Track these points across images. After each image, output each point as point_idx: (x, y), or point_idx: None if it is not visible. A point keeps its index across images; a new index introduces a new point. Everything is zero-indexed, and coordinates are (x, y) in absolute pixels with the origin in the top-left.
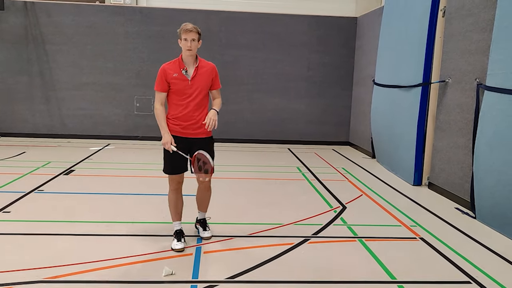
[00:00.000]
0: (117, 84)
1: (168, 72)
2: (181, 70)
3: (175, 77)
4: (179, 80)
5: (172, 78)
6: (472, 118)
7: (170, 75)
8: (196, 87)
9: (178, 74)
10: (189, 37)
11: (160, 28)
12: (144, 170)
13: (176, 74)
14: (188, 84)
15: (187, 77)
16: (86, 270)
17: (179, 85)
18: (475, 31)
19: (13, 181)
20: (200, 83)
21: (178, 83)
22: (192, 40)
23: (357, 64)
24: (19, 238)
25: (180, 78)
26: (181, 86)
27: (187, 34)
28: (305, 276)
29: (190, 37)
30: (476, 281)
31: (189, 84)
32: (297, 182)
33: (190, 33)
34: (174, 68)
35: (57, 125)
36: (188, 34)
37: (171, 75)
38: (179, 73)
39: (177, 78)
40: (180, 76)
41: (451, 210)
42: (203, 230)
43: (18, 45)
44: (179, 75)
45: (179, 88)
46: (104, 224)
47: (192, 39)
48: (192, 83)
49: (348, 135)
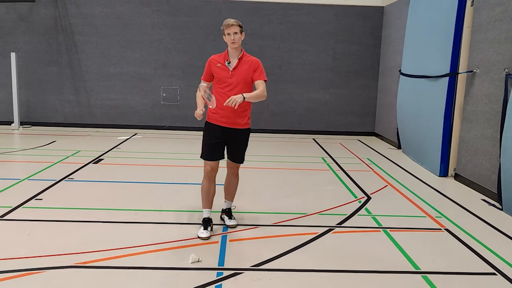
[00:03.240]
0: (144, 74)
1: (213, 62)
2: (225, 61)
3: (218, 67)
4: (221, 69)
5: (216, 67)
6: (500, 109)
7: (214, 65)
8: (236, 78)
9: (222, 65)
10: (231, 31)
11: (186, 19)
12: (171, 159)
13: (219, 64)
14: (228, 74)
15: (229, 67)
16: (114, 256)
17: (220, 74)
18: (504, 21)
19: (44, 169)
20: (241, 75)
21: (220, 72)
22: (234, 33)
23: (383, 54)
24: (50, 225)
25: (222, 68)
26: (222, 75)
27: (229, 28)
28: (329, 265)
29: (233, 31)
30: (502, 272)
31: (229, 74)
32: (322, 172)
33: (232, 27)
34: (220, 59)
35: (85, 114)
36: (230, 29)
37: (215, 65)
38: (222, 64)
39: (220, 68)
40: (223, 66)
41: (477, 201)
42: (228, 218)
43: (48, 36)
44: (222, 65)
45: (220, 77)
46: (133, 212)
47: (235, 32)
48: (232, 73)
49: (374, 126)
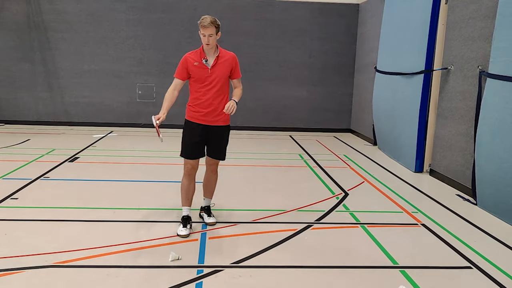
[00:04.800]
0: (119, 71)
1: (189, 61)
2: (201, 59)
3: (196, 65)
4: (199, 68)
5: (193, 66)
6: (474, 105)
7: (191, 63)
8: (215, 76)
9: (199, 63)
10: (206, 32)
11: (162, 16)
12: (147, 157)
13: (196, 63)
14: (207, 73)
15: (207, 66)
16: (93, 255)
17: (199, 73)
18: (478, 18)
19: (19, 168)
20: (220, 72)
21: (198, 72)
22: (209, 35)
23: (358, 51)
24: (27, 224)
25: (200, 66)
26: (201, 74)
27: (204, 30)
28: (309, 261)
29: (208, 33)
30: (477, 266)
31: (208, 73)
32: (300, 169)
33: (207, 29)
34: (196, 57)
35: (60, 112)
36: (205, 30)
37: (192, 64)
38: (199, 62)
39: (197, 66)
40: (201, 65)
41: (452, 196)
42: (207, 216)
43: (20, 32)
44: (199, 64)
45: (199, 77)
46: (111, 211)
47: (210, 34)
48: (211, 71)
49: (350, 123)
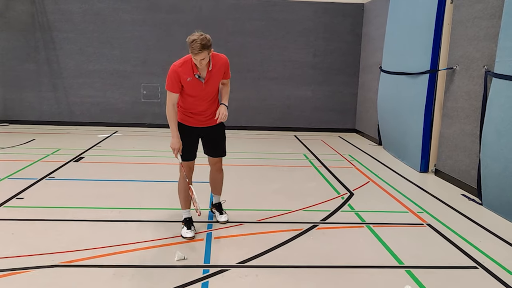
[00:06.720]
0: (123, 71)
1: (181, 76)
2: (194, 74)
3: (189, 81)
4: (192, 83)
5: (186, 82)
6: (479, 105)
7: (184, 79)
8: (209, 88)
9: (192, 79)
10: (198, 58)
11: (166, 16)
12: (152, 157)
13: (189, 79)
14: (202, 87)
15: (201, 80)
16: (99, 255)
17: (193, 88)
18: (484, 18)
19: (24, 168)
20: (214, 83)
21: (192, 87)
22: (201, 60)
23: (363, 51)
24: (32, 224)
25: (193, 82)
26: (195, 89)
27: (195, 56)
28: (314, 261)
29: (200, 58)
30: (483, 266)
31: (202, 87)
32: (304, 169)
33: (199, 54)
34: (187, 71)
35: (64, 112)
36: (197, 56)
37: (185, 79)
38: (192, 77)
39: (190, 82)
40: (194, 80)
41: (457, 196)
42: (219, 214)
43: (25, 32)
44: (192, 79)
45: (193, 91)
46: (116, 211)
47: (202, 59)
48: (206, 85)
49: (355, 122)
